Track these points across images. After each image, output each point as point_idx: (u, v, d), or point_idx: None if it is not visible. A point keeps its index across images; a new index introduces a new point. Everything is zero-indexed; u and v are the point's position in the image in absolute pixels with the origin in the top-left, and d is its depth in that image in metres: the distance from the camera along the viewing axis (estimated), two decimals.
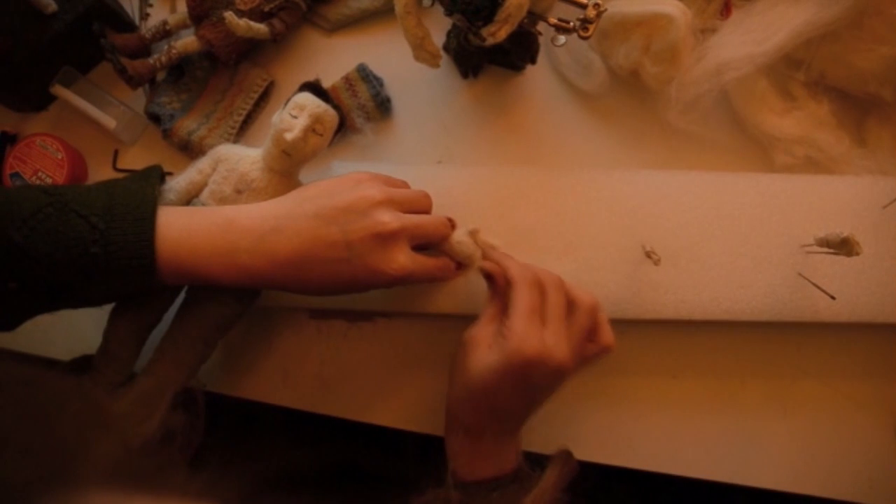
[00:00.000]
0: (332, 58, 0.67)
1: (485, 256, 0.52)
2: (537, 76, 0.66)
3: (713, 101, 0.60)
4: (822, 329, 0.59)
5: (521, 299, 0.47)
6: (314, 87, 0.54)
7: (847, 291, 0.57)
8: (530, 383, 0.47)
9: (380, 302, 0.58)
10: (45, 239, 0.45)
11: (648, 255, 0.53)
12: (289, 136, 0.51)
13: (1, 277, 0.45)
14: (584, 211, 0.58)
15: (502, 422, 0.49)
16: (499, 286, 0.50)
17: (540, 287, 0.48)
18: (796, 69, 0.62)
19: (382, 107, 0.64)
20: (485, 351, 0.47)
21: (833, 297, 0.53)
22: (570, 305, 0.49)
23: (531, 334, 0.45)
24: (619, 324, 0.57)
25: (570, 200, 0.58)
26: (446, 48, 0.65)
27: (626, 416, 0.60)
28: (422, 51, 0.55)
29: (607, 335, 0.50)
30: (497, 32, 0.52)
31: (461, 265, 0.56)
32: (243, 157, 0.55)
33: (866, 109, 0.62)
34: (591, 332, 0.49)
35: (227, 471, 0.32)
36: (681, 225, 0.58)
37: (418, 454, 0.52)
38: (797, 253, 0.57)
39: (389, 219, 0.49)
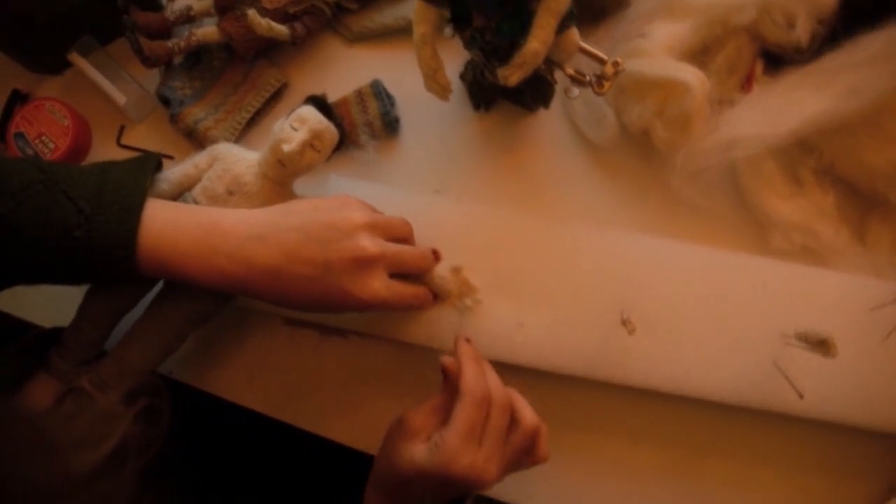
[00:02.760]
0: (349, 68, 0.67)
1: (454, 348, 0.51)
2: (548, 119, 0.65)
3: (719, 174, 0.60)
4: (790, 419, 0.58)
5: (464, 415, 0.45)
6: (319, 102, 0.54)
7: (819, 388, 0.56)
8: (449, 489, 0.46)
9: (354, 321, 0.58)
10: (29, 215, 0.45)
11: (624, 323, 0.53)
12: (286, 148, 0.51)
13: None
14: (571, 265, 0.58)
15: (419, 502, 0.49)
16: (450, 383, 0.49)
17: (486, 405, 0.47)
18: (807, 154, 0.61)
19: (390, 126, 0.64)
20: (418, 446, 0.47)
21: (801, 396, 0.53)
22: (513, 422, 0.48)
23: (464, 453, 0.44)
24: (587, 382, 0.58)
25: (558, 253, 0.58)
26: (462, 77, 0.65)
27: (579, 473, 0.59)
28: (433, 82, 0.55)
29: (544, 452, 0.49)
30: (510, 76, 0.52)
31: (438, 297, 0.57)
32: (240, 159, 0.55)
33: (870, 207, 0.61)
34: (529, 448, 0.49)
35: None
36: (664, 295, 0.57)
37: None
38: (776, 341, 0.57)
39: (370, 244, 0.49)
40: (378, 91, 0.64)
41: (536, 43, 0.50)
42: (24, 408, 0.42)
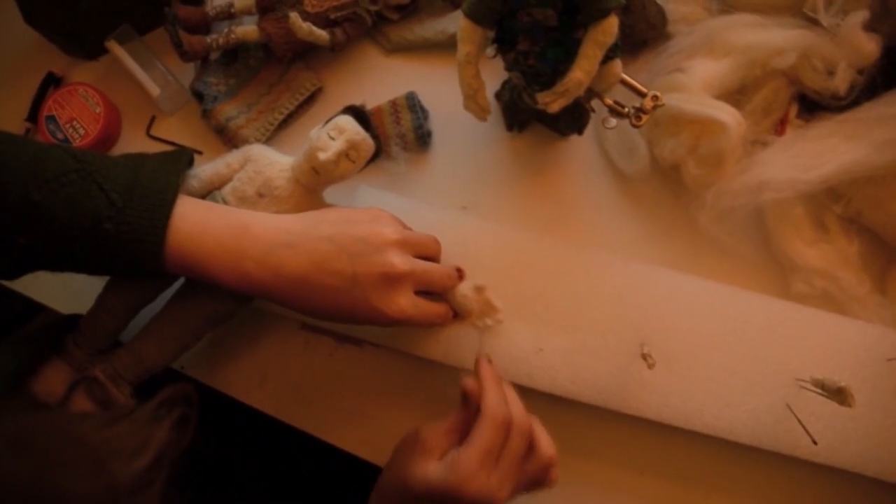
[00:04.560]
0: (385, 78, 0.67)
1: (475, 368, 0.51)
2: (580, 145, 0.65)
3: (746, 215, 0.60)
4: (798, 464, 0.58)
5: (483, 437, 0.45)
6: (358, 113, 0.54)
7: (830, 434, 0.56)
8: None
9: (372, 333, 0.58)
10: (62, 204, 0.45)
11: (644, 357, 0.53)
12: (322, 156, 0.51)
13: (12, 231, 0.46)
14: (593, 294, 0.58)
15: None
16: (471, 405, 0.49)
17: (506, 429, 0.46)
18: (835, 201, 0.62)
19: (422, 140, 0.64)
20: (432, 463, 0.46)
21: (815, 442, 0.53)
22: (530, 450, 0.48)
23: (479, 476, 0.44)
24: (599, 410, 0.58)
25: (581, 280, 0.58)
26: (498, 97, 0.65)
27: (582, 500, 0.59)
28: (472, 102, 0.55)
29: (554, 480, 0.49)
30: (551, 104, 0.52)
31: (458, 315, 0.57)
32: (273, 163, 0.55)
33: (894, 258, 0.62)
34: (542, 478, 0.49)
35: None
36: (683, 330, 0.57)
37: None
38: (791, 385, 0.57)
39: (399, 261, 0.49)
40: (413, 103, 0.64)
41: (580, 72, 0.50)
42: (66, 417, 0.41)
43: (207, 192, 0.55)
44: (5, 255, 0.48)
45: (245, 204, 0.54)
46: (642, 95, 0.55)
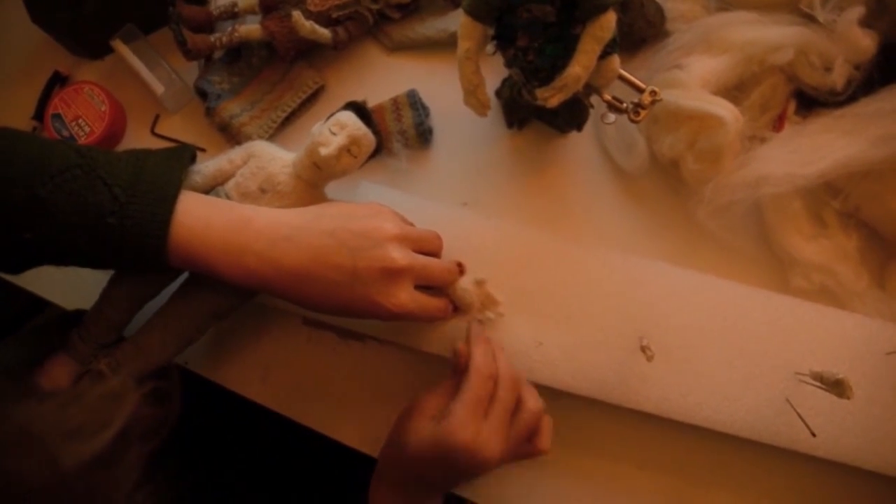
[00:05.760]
0: (386, 76, 0.68)
1: (467, 334, 0.53)
2: (580, 142, 0.66)
3: (745, 210, 0.60)
4: (797, 458, 0.58)
5: (470, 389, 0.48)
6: (359, 109, 0.54)
7: (830, 428, 0.56)
8: (453, 465, 0.47)
9: (374, 327, 0.58)
10: (66, 199, 0.46)
11: (643, 349, 0.53)
12: (323, 151, 0.52)
13: (17, 226, 0.46)
14: (593, 289, 0.58)
15: (422, 487, 0.51)
16: (460, 367, 0.51)
17: (493, 382, 0.49)
18: (833, 196, 0.62)
19: (423, 136, 0.65)
20: (425, 421, 0.49)
21: (814, 435, 0.53)
22: (518, 404, 0.50)
23: (468, 424, 0.46)
24: (599, 404, 0.58)
25: (581, 275, 0.58)
26: (498, 94, 0.65)
27: (582, 494, 0.60)
28: (473, 98, 0.56)
29: (545, 441, 0.51)
30: (550, 98, 0.52)
31: (459, 309, 0.57)
32: (275, 158, 0.55)
33: (892, 253, 0.62)
34: (532, 434, 0.51)
35: None
36: (683, 324, 0.58)
37: None
38: (790, 378, 0.57)
39: (399, 256, 0.49)
40: (414, 101, 0.65)
41: (579, 67, 0.50)
42: (16, 402, 0.41)
43: (210, 188, 0.56)
44: (10, 250, 0.48)
45: (247, 199, 0.55)
46: (640, 91, 0.55)
